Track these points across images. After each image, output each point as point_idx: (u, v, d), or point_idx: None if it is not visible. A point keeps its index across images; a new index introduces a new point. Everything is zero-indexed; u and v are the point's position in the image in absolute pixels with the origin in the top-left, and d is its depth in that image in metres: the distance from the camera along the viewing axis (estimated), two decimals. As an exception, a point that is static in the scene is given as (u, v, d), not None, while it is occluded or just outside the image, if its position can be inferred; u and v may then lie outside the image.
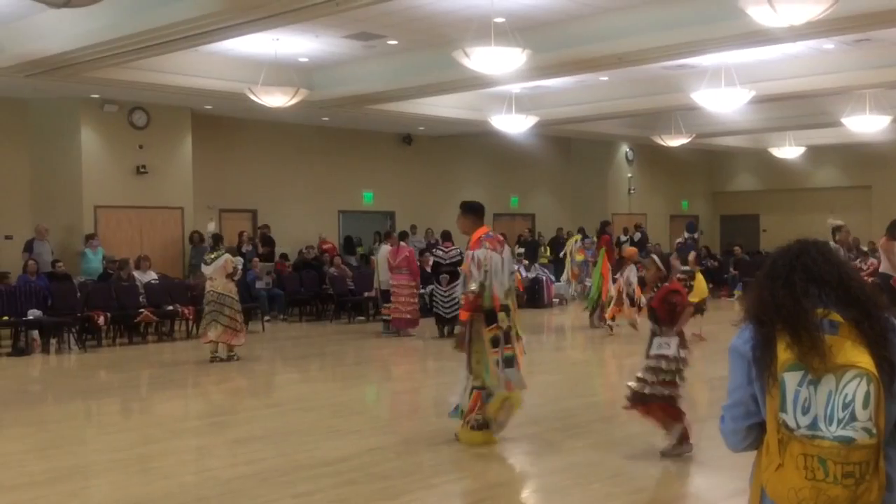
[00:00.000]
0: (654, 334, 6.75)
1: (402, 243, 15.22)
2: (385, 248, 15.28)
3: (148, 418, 9.23)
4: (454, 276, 13.91)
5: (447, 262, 14.86)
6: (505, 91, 17.27)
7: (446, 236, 15.51)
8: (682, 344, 6.70)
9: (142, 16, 11.21)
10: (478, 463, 6.57)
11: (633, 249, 15.97)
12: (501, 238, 7.28)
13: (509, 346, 6.99)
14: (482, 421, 7.03)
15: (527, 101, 17.96)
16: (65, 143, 16.72)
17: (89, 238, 16.20)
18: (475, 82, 15.04)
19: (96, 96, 16.33)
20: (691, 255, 15.38)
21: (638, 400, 6.71)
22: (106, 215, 16.89)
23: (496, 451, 7.03)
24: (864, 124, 18.78)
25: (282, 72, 14.71)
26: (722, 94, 15.33)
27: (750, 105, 16.71)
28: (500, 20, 12.06)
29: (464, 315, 7.01)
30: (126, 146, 17.05)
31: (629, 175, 26.54)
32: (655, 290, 6.90)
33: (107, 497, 6.11)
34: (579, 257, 18.18)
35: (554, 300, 20.48)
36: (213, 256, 12.27)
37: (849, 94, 17.69)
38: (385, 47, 14.64)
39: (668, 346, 6.63)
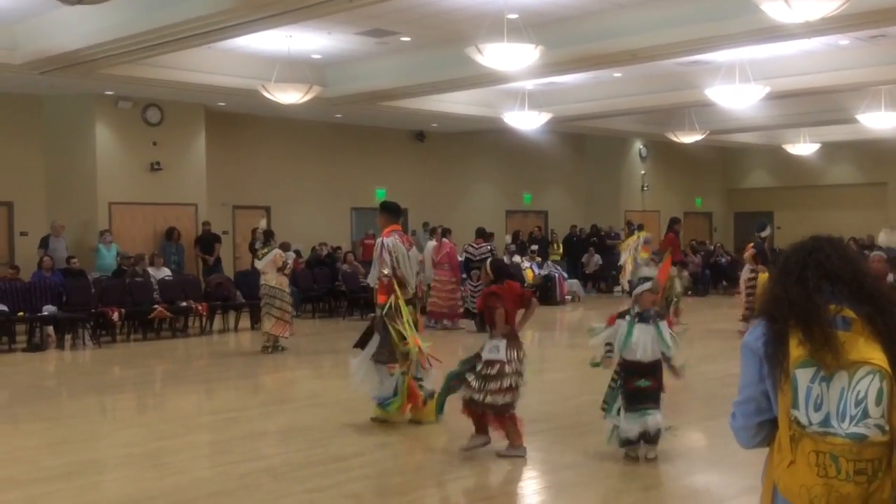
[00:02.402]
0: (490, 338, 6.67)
1: (444, 239, 15.58)
2: (431, 245, 15.59)
3: (161, 414, 9.27)
4: None
5: (477, 258, 15.24)
6: (518, 87, 17.25)
7: (479, 233, 16.01)
8: (513, 345, 6.58)
9: (156, 13, 11.25)
10: (489, 460, 6.57)
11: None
12: (410, 238, 7.81)
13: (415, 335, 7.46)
14: (429, 391, 7.48)
15: (540, 97, 17.92)
16: (79, 140, 16.80)
17: (103, 234, 16.28)
18: (488, 79, 15.03)
19: (111, 93, 16.40)
20: (747, 253, 14.88)
21: (470, 406, 6.59)
22: (120, 211, 16.97)
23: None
24: (880, 121, 18.67)
25: (295, 68, 14.74)
26: (736, 90, 15.26)
27: (764, 101, 16.63)
28: (513, 16, 12.05)
29: (381, 298, 7.42)
30: (140, 143, 17.12)
31: (643, 172, 26.46)
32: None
33: (120, 492, 6.14)
34: (643, 254, 18.11)
35: (567, 297, 20.45)
36: (264, 252, 12.67)
37: (864, 90, 17.59)
38: (398, 44, 14.64)
39: (497, 350, 6.52)
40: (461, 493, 6.06)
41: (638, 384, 6.31)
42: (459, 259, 16.07)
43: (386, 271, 7.33)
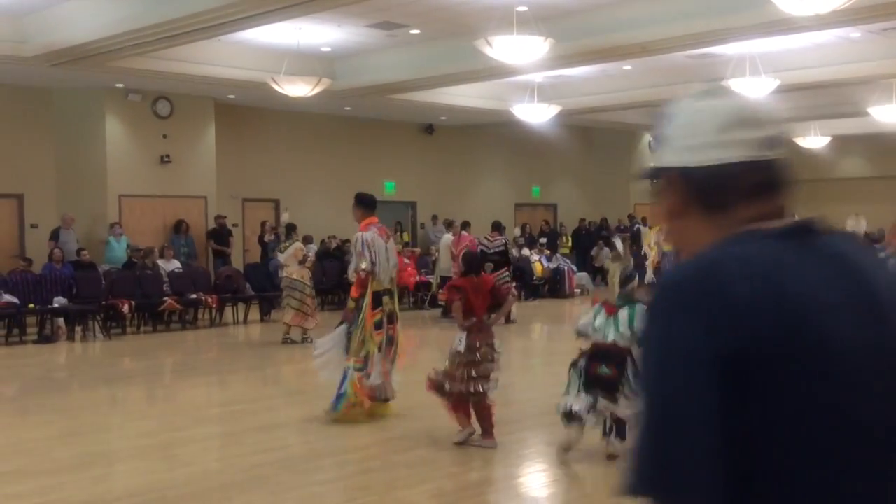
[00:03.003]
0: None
1: (463, 232, 15.62)
2: (447, 237, 15.67)
3: (172, 405, 9.31)
4: (498, 265, 14.64)
5: (491, 251, 15.29)
6: (527, 80, 17.22)
7: (495, 226, 16.03)
8: (477, 337, 6.64)
9: (166, 5, 11.27)
10: (498, 452, 6.59)
11: None
12: (386, 230, 7.91)
13: (391, 325, 7.57)
14: (378, 385, 7.58)
15: (549, 90, 17.89)
16: (90, 133, 16.85)
17: (113, 227, 16.33)
18: (497, 72, 15.01)
19: (121, 86, 16.44)
20: None
21: (435, 388, 6.75)
22: (130, 204, 17.02)
23: (518, 440, 7.04)
24: (891, 114, 18.57)
25: (304, 61, 14.75)
26: (746, 83, 15.19)
27: (774, 94, 16.56)
28: (522, 9, 12.03)
29: (354, 292, 7.60)
30: (150, 135, 17.16)
31: (652, 165, 26.36)
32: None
33: (131, 483, 6.18)
34: (667, 247, 18.06)
35: (576, 290, 20.44)
36: (286, 245, 12.95)
37: (875, 83, 17.50)
38: (407, 36, 14.63)
39: (459, 342, 6.68)
40: (470, 485, 6.08)
41: (600, 371, 6.22)
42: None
43: (364, 265, 7.45)
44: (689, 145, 1.52)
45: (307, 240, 15.60)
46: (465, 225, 16.21)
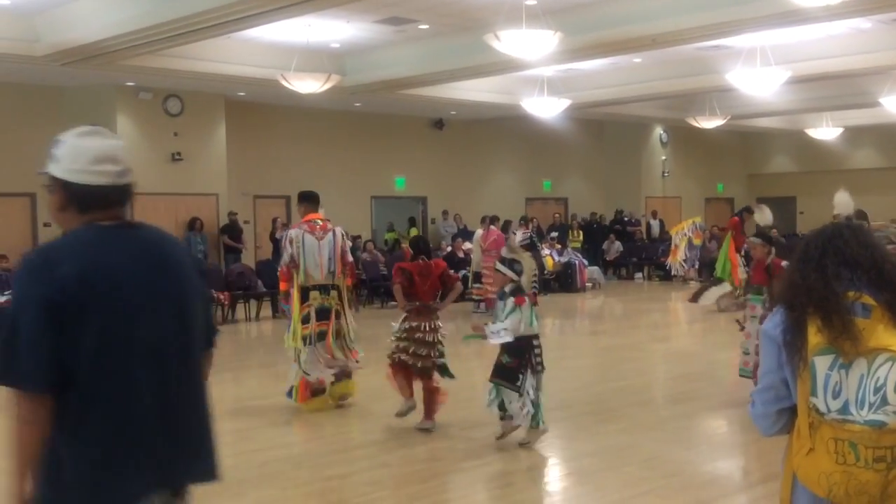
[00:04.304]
0: None
1: (492, 227, 15.72)
2: (479, 232, 15.73)
3: (184, 402, 9.34)
4: None
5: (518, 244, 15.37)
6: (537, 74, 17.18)
7: (522, 220, 16.42)
8: (415, 319, 6.99)
9: (176, 3, 11.29)
10: (509, 447, 6.60)
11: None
12: (325, 226, 8.04)
13: (324, 322, 7.77)
14: (316, 387, 7.97)
15: (559, 84, 17.86)
16: (101, 131, 16.90)
17: (125, 224, 16.38)
18: (507, 66, 14.98)
19: (131, 84, 16.49)
20: None
21: (393, 362, 7.15)
22: (142, 202, 16.90)
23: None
24: (904, 104, 18.46)
25: (314, 58, 14.76)
26: (758, 74, 15.14)
27: (786, 86, 16.49)
28: (531, 2, 12.00)
29: (282, 286, 8.06)
30: (161, 133, 17.21)
31: (663, 158, 26.32)
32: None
33: (145, 479, 6.20)
34: (697, 241, 18.06)
35: (587, 284, 20.40)
36: None
37: (887, 73, 17.40)
38: (416, 32, 14.62)
39: (400, 322, 7.14)
40: (482, 480, 6.09)
41: (503, 360, 6.44)
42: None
43: (285, 257, 7.89)
44: (71, 168, 2.42)
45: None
46: (494, 219, 16.27)
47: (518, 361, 6.43)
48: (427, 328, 7.02)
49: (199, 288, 2.55)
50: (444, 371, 7.17)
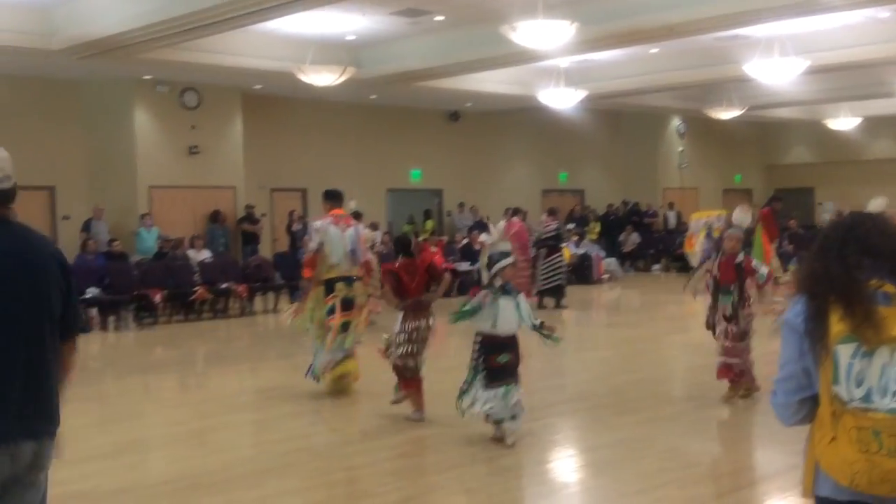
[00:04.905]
0: None
1: (514, 219, 15.74)
2: (501, 224, 15.78)
3: (204, 393, 9.42)
4: (552, 249, 15.44)
5: (544, 236, 15.73)
6: (553, 65, 17.14)
7: (550, 211, 16.37)
8: (411, 317, 7.14)
9: (192, -3, 11.33)
10: (529, 438, 6.60)
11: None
12: (349, 220, 8.39)
13: (347, 312, 8.12)
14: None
15: (575, 74, 17.80)
16: (119, 125, 17.00)
17: (144, 218, 16.49)
18: (523, 57, 14.95)
19: (148, 77, 16.57)
20: None
21: (384, 355, 7.35)
22: (160, 195, 17.16)
23: (546, 426, 7.05)
24: (923, 94, 18.31)
25: (329, 50, 14.77)
26: (775, 64, 15.04)
27: (804, 76, 16.38)
28: (547, -6, 11.96)
29: (307, 272, 8.33)
30: (178, 127, 17.28)
31: (680, 149, 26.21)
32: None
33: (166, 469, 6.27)
34: (716, 233, 17.85)
35: (604, 276, 20.37)
36: None
37: (906, 63, 17.24)
38: (431, 23, 14.61)
39: (397, 321, 7.25)
40: (499, 470, 6.10)
41: (499, 360, 6.35)
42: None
43: (312, 245, 8.17)
44: None
45: (373, 226, 15.74)
46: (516, 211, 16.30)
47: (514, 356, 6.41)
48: (425, 326, 7.21)
49: (57, 278, 3.02)
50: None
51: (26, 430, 2.92)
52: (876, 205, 7.94)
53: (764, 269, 7.61)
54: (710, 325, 7.82)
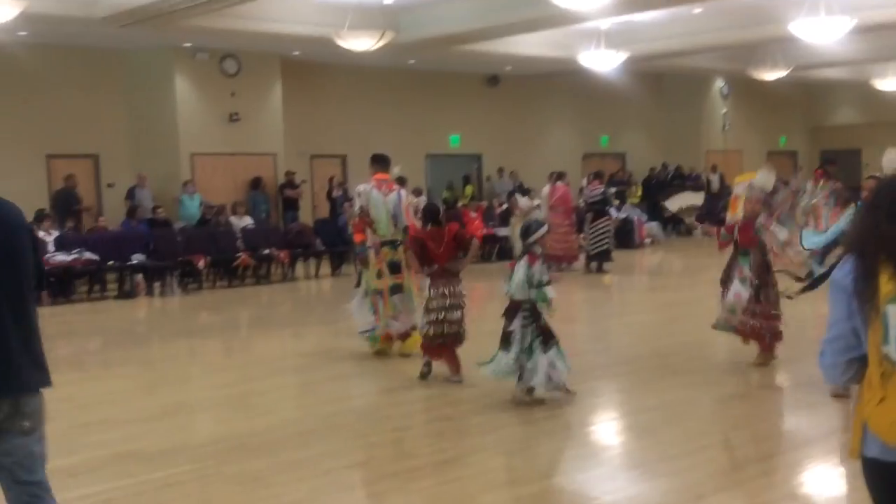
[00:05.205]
0: None
1: (558, 183, 15.72)
2: (546, 189, 15.77)
3: (248, 357, 9.55)
4: (598, 213, 15.47)
5: (590, 200, 15.75)
6: (594, 27, 16.90)
7: (596, 175, 16.35)
8: (438, 283, 7.22)
9: (230, -37, 11.32)
10: (569, 402, 6.61)
11: None
12: (392, 185, 8.38)
13: (398, 275, 8.21)
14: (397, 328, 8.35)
15: (616, 36, 17.54)
16: (160, 93, 17.13)
17: (186, 185, 16.65)
18: (563, 19, 14.75)
19: (188, 45, 16.64)
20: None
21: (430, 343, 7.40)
22: (202, 162, 17.30)
23: (589, 390, 7.05)
24: (976, 51, 17.80)
25: (368, 15, 14.71)
26: (821, 23, 14.69)
27: (851, 35, 15.97)
28: (588, -46, 11.78)
29: (357, 237, 8.37)
30: (218, 94, 17.37)
31: (724, 111, 25.80)
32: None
33: (212, 431, 6.38)
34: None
35: (646, 240, 20.22)
36: None
37: (959, 19, 16.74)
38: (471, -14, 14.47)
39: (427, 288, 7.35)
40: (543, 433, 6.13)
41: (542, 323, 6.48)
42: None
43: (356, 209, 8.30)
44: None
45: (417, 192, 15.78)
46: (561, 175, 16.17)
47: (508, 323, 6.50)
48: (453, 291, 7.24)
49: (29, 244, 3.29)
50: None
51: (9, 389, 3.15)
52: (890, 159, 7.64)
53: (782, 235, 7.47)
54: (723, 281, 7.82)
